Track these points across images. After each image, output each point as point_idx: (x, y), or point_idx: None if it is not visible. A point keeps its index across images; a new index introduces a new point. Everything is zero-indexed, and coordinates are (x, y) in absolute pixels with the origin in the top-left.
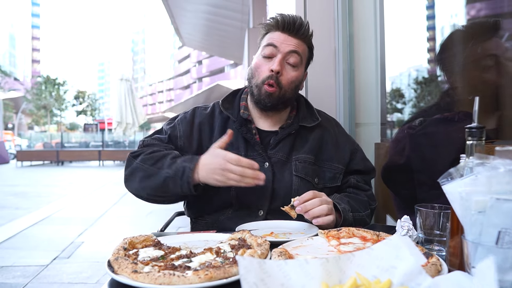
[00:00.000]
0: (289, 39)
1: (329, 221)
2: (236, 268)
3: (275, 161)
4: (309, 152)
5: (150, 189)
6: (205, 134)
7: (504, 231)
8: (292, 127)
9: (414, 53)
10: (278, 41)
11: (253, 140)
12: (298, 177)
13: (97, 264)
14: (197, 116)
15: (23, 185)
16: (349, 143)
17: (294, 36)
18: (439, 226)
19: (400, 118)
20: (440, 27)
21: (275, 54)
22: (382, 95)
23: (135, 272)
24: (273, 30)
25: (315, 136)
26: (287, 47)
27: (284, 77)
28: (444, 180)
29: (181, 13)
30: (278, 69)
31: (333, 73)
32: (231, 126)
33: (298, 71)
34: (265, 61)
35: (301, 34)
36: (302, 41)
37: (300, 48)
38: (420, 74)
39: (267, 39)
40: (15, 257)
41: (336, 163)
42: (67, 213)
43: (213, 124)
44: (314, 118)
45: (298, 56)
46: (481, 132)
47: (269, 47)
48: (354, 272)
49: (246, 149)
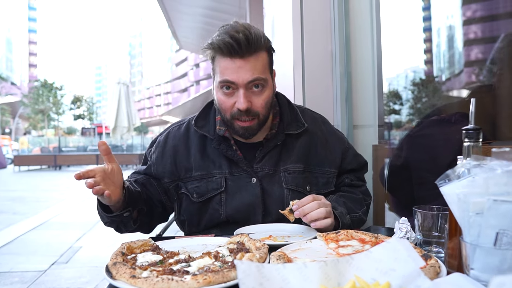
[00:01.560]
0: (242, 65)
1: (327, 224)
2: (235, 272)
3: (263, 175)
4: (297, 161)
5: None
6: (181, 156)
7: (502, 232)
8: (278, 138)
9: (411, 55)
10: (232, 75)
11: (236, 157)
12: (289, 189)
13: (95, 269)
14: (170, 138)
15: (20, 190)
16: (339, 143)
17: (246, 57)
18: (437, 228)
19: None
20: (436, 28)
21: (235, 88)
22: (379, 96)
23: (134, 277)
24: (219, 55)
25: (302, 143)
26: (245, 78)
27: (255, 106)
28: (442, 182)
29: (178, 16)
30: (246, 106)
31: (330, 75)
32: (209, 144)
33: (266, 90)
34: (226, 96)
35: (252, 51)
36: (256, 55)
37: (258, 68)
38: (417, 76)
39: (219, 70)
40: (13, 262)
41: (328, 167)
42: (65, 217)
43: (188, 143)
44: (299, 124)
45: (260, 79)
46: (478, 134)
47: (227, 84)
48: (353, 275)
49: (230, 167)
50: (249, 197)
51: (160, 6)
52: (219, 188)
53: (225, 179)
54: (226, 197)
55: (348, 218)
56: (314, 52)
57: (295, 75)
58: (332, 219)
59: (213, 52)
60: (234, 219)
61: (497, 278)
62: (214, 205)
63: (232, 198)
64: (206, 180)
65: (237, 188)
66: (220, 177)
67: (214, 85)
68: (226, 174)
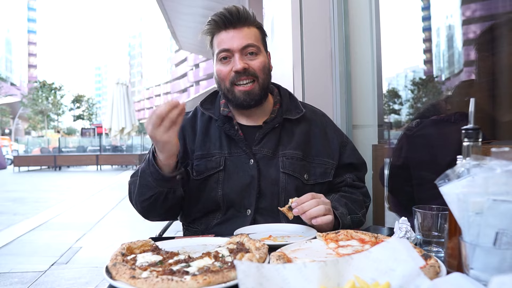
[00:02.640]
0: (236, 34)
1: (328, 220)
2: (235, 273)
3: (260, 157)
4: (296, 148)
5: (138, 194)
6: (189, 137)
7: (502, 232)
8: (275, 121)
9: (411, 54)
10: (227, 43)
11: (237, 136)
12: (285, 173)
13: (95, 269)
14: None
15: (20, 191)
16: (337, 136)
17: (239, 27)
18: (437, 228)
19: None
20: (436, 28)
21: (231, 55)
22: (379, 96)
23: (133, 277)
24: (216, 32)
25: (301, 130)
26: (238, 44)
27: (252, 67)
28: (441, 182)
29: (178, 16)
30: (242, 66)
31: (329, 75)
32: (213, 125)
33: (261, 56)
34: (224, 65)
35: (243, 21)
36: (248, 26)
37: (251, 36)
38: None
39: (216, 44)
40: (13, 263)
41: (326, 157)
42: (65, 218)
43: (195, 126)
44: (298, 110)
45: (253, 45)
46: (477, 133)
47: (223, 53)
48: (352, 275)
49: (230, 147)
50: (246, 178)
51: (160, 7)
52: (218, 167)
53: (224, 159)
54: (224, 176)
55: (349, 219)
56: (314, 52)
57: (294, 75)
58: (332, 216)
59: (211, 32)
60: (230, 200)
61: (497, 278)
62: (212, 184)
63: (230, 177)
64: (205, 159)
65: (235, 168)
66: (219, 157)
67: (214, 62)
68: (226, 154)
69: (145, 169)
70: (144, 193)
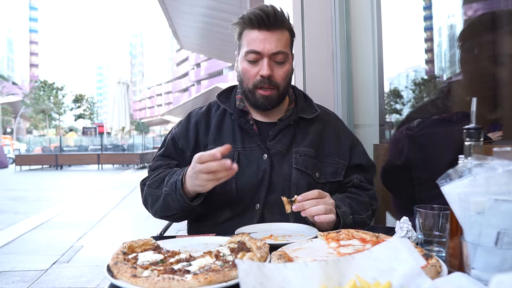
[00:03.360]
0: (268, 37)
1: (331, 219)
2: (236, 272)
3: (274, 153)
4: (310, 146)
5: (160, 211)
6: (202, 131)
7: (503, 231)
8: (291, 118)
9: (412, 54)
10: (259, 45)
11: (252, 130)
12: (298, 169)
13: (96, 268)
14: (192, 116)
15: (22, 190)
16: (348, 138)
17: (273, 30)
18: (439, 227)
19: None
20: (437, 28)
21: (259, 58)
22: (380, 96)
23: (135, 276)
24: (248, 27)
25: (315, 130)
26: (270, 48)
27: (276, 76)
28: (443, 181)
29: (179, 16)
30: (268, 74)
31: (331, 75)
32: (228, 118)
33: (287, 64)
34: (251, 65)
35: (279, 25)
36: (281, 30)
37: (282, 42)
38: (418, 75)
39: (246, 42)
40: (14, 261)
41: (337, 157)
42: (66, 217)
43: (209, 120)
44: (313, 110)
45: (283, 52)
46: (479, 133)
47: (252, 54)
48: (353, 275)
49: (243, 141)
50: (259, 172)
51: (161, 6)
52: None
53: (238, 153)
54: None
55: (351, 219)
56: (315, 51)
57: (296, 75)
58: (335, 216)
59: (242, 26)
60: (242, 194)
61: (496, 277)
62: None
63: (243, 172)
64: None
65: (248, 162)
66: (233, 151)
67: (240, 57)
68: (239, 148)
69: (170, 193)
70: (166, 212)
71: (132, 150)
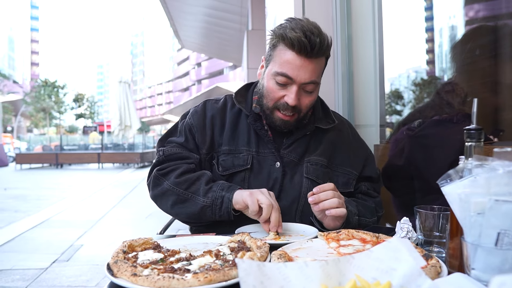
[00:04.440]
0: (306, 65)
1: (342, 213)
2: (236, 271)
3: (287, 162)
4: (321, 155)
5: (185, 215)
6: (217, 128)
7: (503, 232)
8: (308, 128)
9: (413, 55)
10: (292, 72)
11: (267, 137)
12: (308, 179)
13: (96, 267)
14: (208, 109)
15: (22, 188)
16: (363, 149)
17: (312, 58)
18: (439, 228)
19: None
20: (438, 29)
21: (289, 83)
22: (381, 96)
23: (135, 275)
24: (287, 46)
25: (329, 139)
26: (303, 78)
27: (301, 104)
28: (443, 182)
29: (180, 15)
30: (295, 104)
31: (332, 75)
32: (244, 119)
33: (315, 92)
34: (278, 87)
35: (320, 54)
36: (320, 58)
37: (316, 71)
38: (419, 76)
39: (280, 60)
40: (14, 260)
41: (349, 167)
42: (66, 216)
43: (224, 118)
44: (329, 120)
45: (314, 82)
46: (480, 134)
47: (283, 77)
48: (353, 275)
49: (258, 145)
50: (270, 180)
51: (162, 5)
52: (245, 165)
53: (252, 157)
54: (250, 174)
55: (356, 219)
56: None
57: None
58: (346, 210)
59: (281, 42)
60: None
61: (497, 278)
62: (238, 182)
63: (256, 177)
64: (232, 155)
65: (260, 168)
66: (247, 155)
67: (267, 72)
68: (253, 153)
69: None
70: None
71: (132, 149)
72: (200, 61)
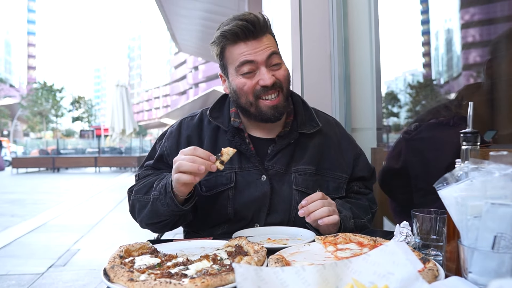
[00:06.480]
0: (257, 45)
1: (335, 220)
2: (233, 276)
3: (273, 174)
4: (309, 163)
5: (147, 217)
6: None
7: (500, 235)
8: (291, 136)
9: (409, 58)
10: (250, 55)
11: (248, 152)
12: (298, 191)
13: (93, 271)
14: (184, 129)
15: (19, 193)
16: (351, 147)
17: (260, 37)
18: (436, 231)
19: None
20: (434, 32)
21: (255, 68)
22: (378, 99)
23: (131, 280)
24: (231, 43)
25: (315, 143)
26: (262, 55)
27: (278, 76)
28: (440, 185)
29: (177, 19)
30: (272, 81)
31: (328, 78)
32: (222, 135)
33: (283, 66)
34: (247, 78)
35: (265, 29)
36: (267, 35)
37: (272, 44)
38: (415, 79)
39: (234, 57)
40: (10, 265)
41: (340, 171)
42: (63, 220)
43: (201, 135)
44: (313, 124)
45: (277, 53)
46: (476, 137)
47: (246, 66)
48: (351, 279)
49: (240, 161)
50: (258, 195)
51: (159, 9)
52: (229, 184)
53: (235, 174)
54: (235, 192)
55: (352, 223)
56: (313, 54)
57: (294, 78)
58: (338, 217)
59: (224, 43)
60: (241, 216)
61: (495, 282)
62: (222, 201)
63: (241, 194)
64: (215, 174)
65: (246, 184)
66: (230, 172)
67: (230, 77)
68: (236, 169)
69: (159, 197)
70: (153, 218)
71: (129, 153)
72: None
